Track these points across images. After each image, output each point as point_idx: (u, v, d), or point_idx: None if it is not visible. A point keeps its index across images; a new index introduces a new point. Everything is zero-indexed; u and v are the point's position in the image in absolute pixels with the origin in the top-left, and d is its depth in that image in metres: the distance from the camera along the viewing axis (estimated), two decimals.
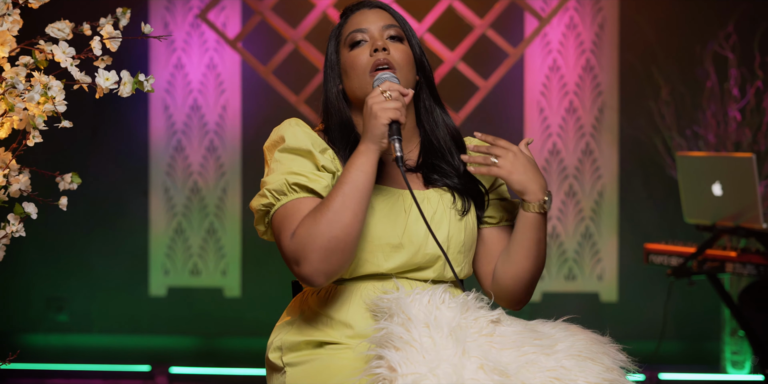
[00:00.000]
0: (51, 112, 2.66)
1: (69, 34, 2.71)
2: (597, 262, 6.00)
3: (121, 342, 6.02)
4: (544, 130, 5.97)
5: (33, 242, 5.98)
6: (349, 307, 2.44)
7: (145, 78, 2.66)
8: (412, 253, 2.44)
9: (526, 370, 2.17)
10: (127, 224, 6.06)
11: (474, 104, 5.90)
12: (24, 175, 2.80)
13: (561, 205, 6.00)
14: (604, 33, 5.97)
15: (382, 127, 2.31)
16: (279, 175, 2.40)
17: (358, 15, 2.54)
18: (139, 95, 5.98)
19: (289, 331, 2.50)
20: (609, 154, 5.98)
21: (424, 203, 2.49)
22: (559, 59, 5.97)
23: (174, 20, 6.00)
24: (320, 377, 2.36)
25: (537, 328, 2.36)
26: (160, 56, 6.01)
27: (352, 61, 2.48)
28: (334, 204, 2.30)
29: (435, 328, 2.20)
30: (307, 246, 2.29)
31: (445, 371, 2.10)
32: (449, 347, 2.15)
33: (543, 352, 2.23)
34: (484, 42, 5.91)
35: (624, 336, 5.79)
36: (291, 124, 2.47)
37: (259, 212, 2.43)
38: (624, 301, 5.98)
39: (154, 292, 6.04)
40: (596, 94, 5.97)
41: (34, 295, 6.03)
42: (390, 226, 2.44)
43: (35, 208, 2.74)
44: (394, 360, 2.13)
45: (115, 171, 6.02)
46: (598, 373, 2.22)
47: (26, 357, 5.86)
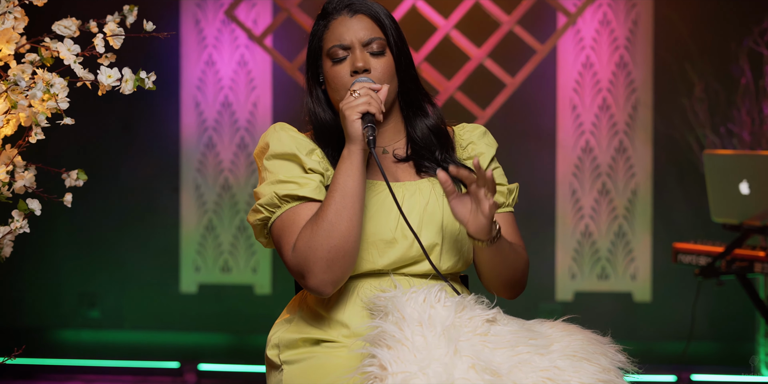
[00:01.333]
0: (55, 109, 2.64)
1: (75, 31, 2.71)
2: (630, 261, 5.93)
3: (151, 338, 6.03)
4: (576, 127, 5.91)
5: (65, 238, 6.02)
6: (346, 306, 2.44)
7: (146, 75, 2.66)
8: (406, 247, 2.44)
9: (518, 370, 2.15)
10: (158, 221, 6.07)
11: (501, 101, 5.85)
12: (29, 172, 2.79)
13: (594, 204, 5.94)
14: (638, 29, 5.89)
15: (354, 123, 2.33)
16: (268, 185, 2.43)
17: (340, 23, 2.50)
18: (171, 92, 6.00)
19: (288, 329, 2.51)
20: (643, 152, 5.91)
21: (416, 194, 2.49)
22: (592, 56, 5.91)
23: (205, 17, 6.00)
24: (316, 375, 2.37)
25: (534, 327, 2.34)
26: (192, 53, 6.02)
27: (334, 77, 2.48)
28: (328, 213, 2.32)
29: (428, 326, 2.18)
30: (308, 259, 2.32)
31: (436, 370, 2.09)
32: (441, 346, 2.14)
33: (537, 352, 2.21)
34: (511, 38, 5.86)
35: (657, 336, 5.77)
36: (276, 130, 2.50)
37: (257, 226, 2.46)
38: (658, 300, 5.91)
39: (185, 289, 6.05)
40: (630, 91, 5.90)
41: (66, 291, 6.06)
42: (382, 222, 2.44)
43: (39, 205, 2.73)
44: (385, 358, 2.13)
45: (146, 167, 6.03)
46: (592, 374, 2.19)
47: (58, 352, 5.90)
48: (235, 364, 5.76)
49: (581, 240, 5.94)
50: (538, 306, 5.92)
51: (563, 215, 5.94)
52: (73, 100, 4.02)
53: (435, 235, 2.46)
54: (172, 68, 6.00)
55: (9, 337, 6.01)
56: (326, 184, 2.45)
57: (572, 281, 5.95)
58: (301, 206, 2.39)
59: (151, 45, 5.94)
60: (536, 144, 5.93)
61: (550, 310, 5.89)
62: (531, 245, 5.86)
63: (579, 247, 5.94)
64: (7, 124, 2.75)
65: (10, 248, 2.90)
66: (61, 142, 5.93)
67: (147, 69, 2.69)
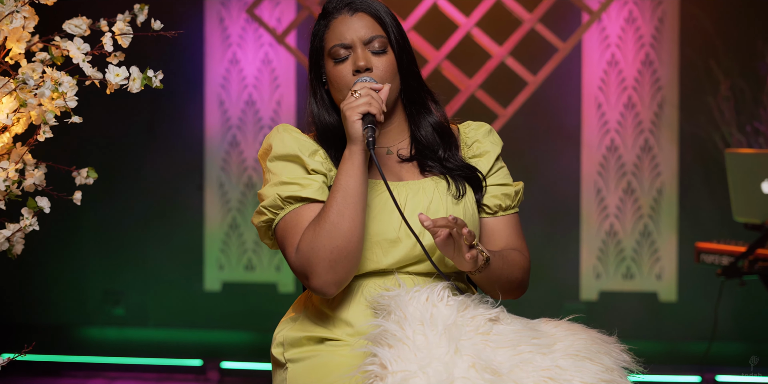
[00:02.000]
0: (63, 108, 2.65)
1: (86, 30, 2.71)
2: (656, 261, 5.88)
3: (175, 336, 6.05)
4: (601, 125, 5.87)
5: (90, 237, 6.04)
6: (351, 305, 2.44)
7: (153, 74, 2.66)
8: (410, 247, 2.43)
9: (519, 370, 2.15)
10: (182, 219, 6.08)
11: (522, 99, 5.82)
12: (39, 170, 2.80)
13: (619, 203, 5.89)
14: (664, 27, 5.84)
15: (355, 123, 2.33)
16: (271, 187, 2.43)
17: (341, 22, 2.50)
18: (195, 90, 6.00)
19: (292, 328, 2.53)
20: (668, 150, 5.85)
21: (420, 193, 2.49)
22: (617, 53, 5.86)
23: (229, 15, 6.00)
24: (319, 374, 2.38)
25: (538, 327, 2.34)
26: (216, 51, 6.02)
27: (336, 76, 2.48)
28: (331, 214, 2.32)
29: (430, 325, 2.19)
30: (311, 260, 2.32)
31: (436, 369, 2.09)
32: (442, 345, 2.14)
33: (539, 351, 2.21)
34: (533, 36, 5.83)
35: (683, 337, 5.71)
36: (279, 131, 2.50)
37: (261, 228, 2.47)
38: (683, 300, 5.86)
39: (209, 287, 6.05)
40: (656, 90, 5.85)
41: (91, 288, 6.08)
42: (386, 222, 2.44)
43: (48, 203, 2.74)
44: (386, 357, 2.14)
45: (170, 166, 6.04)
46: (595, 374, 2.19)
47: (82, 350, 5.92)
48: (257, 363, 5.77)
49: (606, 239, 5.90)
50: (563, 305, 5.89)
51: (588, 214, 5.90)
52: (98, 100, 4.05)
53: None
54: (197, 67, 6.01)
55: (35, 334, 6.05)
56: (329, 184, 2.46)
57: (597, 281, 5.91)
58: (304, 207, 2.40)
59: (175, 44, 5.95)
60: (561, 143, 5.90)
61: (575, 310, 5.85)
62: (556, 244, 5.88)
63: (604, 247, 5.90)
64: (18, 122, 2.76)
65: (21, 246, 2.92)
66: (86, 140, 5.95)
67: (171, 68, 2.72)
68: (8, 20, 2.63)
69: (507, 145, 5.65)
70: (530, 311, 5.84)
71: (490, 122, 5.84)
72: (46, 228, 5.89)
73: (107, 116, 5.97)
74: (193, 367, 5.78)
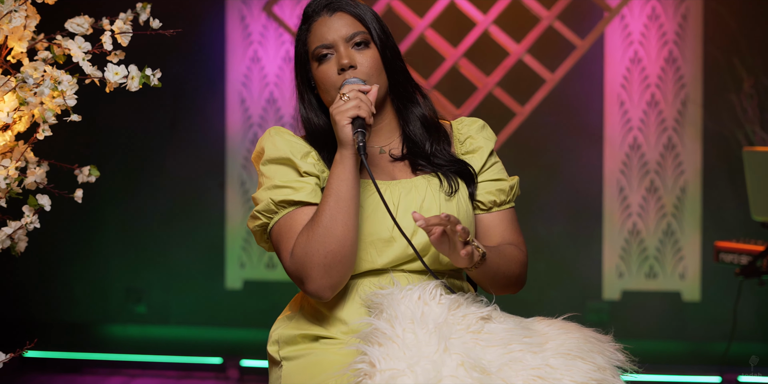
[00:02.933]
0: (64, 106, 2.66)
1: (88, 29, 2.73)
2: (679, 260, 5.83)
3: (197, 334, 6.05)
4: (624, 123, 5.82)
5: (112, 235, 6.06)
6: (346, 304, 2.45)
7: (151, 72, 2.67)
8: (404, 246, 2.44)
9: (509, 368, 2.15)
10: (204, 217, 6.09)
11: (540, 97, 5.79)
12: (41, 168, 2.80)
13: (642, 202, 5.84)
14: (687, 24, 5.79)
15: (345, 128, 2.34)
16: (265, 191, 2.44)
17: (321, 24, 2.52)
18: (217, 88, 6.01)
19: (288, 326, 2.54)
20: (692, 148, 5.80)
21: (412, 191, 2.50)
22: (640, 51, 5.81)
23: (250, 13, 6.00)
24: (313, 371, 2.39)
25: (531, 325, 2.33)
26: (237, 49, 6.02)
27: (322, 77, 2.49)
28: (323, 219, 2.33)
29: (420, 323, 2.19)
30: (306, 264, 2.34)
31: (424, 368, 2.09)
32: (432, 344, 2.14)
33: (530, 349, 2.20)
34: (551, 34, 5.79)
35: (706, 337, 5.66)
36: (271, 134, 2.53)
37: (257, 232, 2.49)
38: (707, 300, 5.80)
39: (230, 285, 6.05)
40: (679, 87, 5.79)
41: (114, 286, 6.10)
42: (379, 221, 2.45)
43: (49, 200, 2.75)
44: (375, 355, 2.14)
45: (192, 164, 6.05)
46: (585, 373, 2.18)
47: (105, 347, 5.95)
48: None
49: (629, 238, 5.85)
50: (585, 304, 5.85)
51: (610, 213, 5.86)
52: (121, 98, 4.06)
53: None
54: (218, 65, 6.01)
55: (58, 331, 6.08)
56: (322, 186, 2.47)
57: (620, 280, 5.86)
58: (297, 211, 2.41)
59: (197, 42, 5.97)
60: (583, 141, 5.85)
61: (597, 309, 5.82)
62: (578, 243, 5.83)
63: (627, 246, 5.85)
64: (20, 120, 2.76)
65: (24, 243, 2.93)
66: (108, 138, 5.98)
67: (193, 66, 2.71)
68: (7, 19, 2.64)
69: (528, 144, 5.63)
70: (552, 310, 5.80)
71: (508, 120, 5.81)
72: (68, 226, 5.95)
73: (130, 114, 6.00)
74: (213, 365, 5.79)
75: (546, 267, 5.88)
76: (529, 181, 5.83)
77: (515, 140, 5.82)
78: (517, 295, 5.74)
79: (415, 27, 5.81)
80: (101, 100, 5.48)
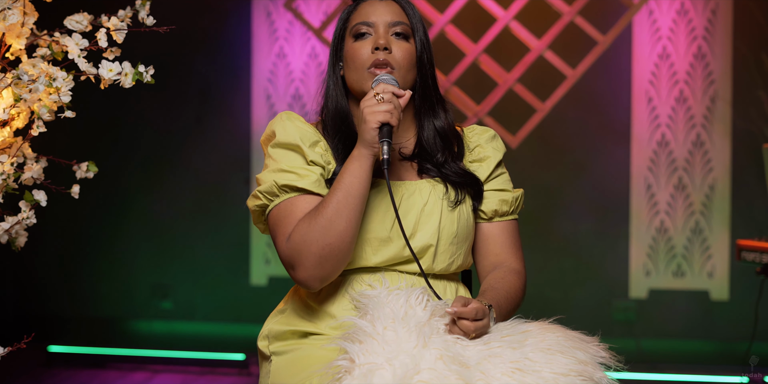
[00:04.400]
0: (60, 103, 2.66)
1: (87, 26, 2.74)
2: (707, 258, 5.76)
3: (222, 330, 6.07)
4: (652, 120, 5.75)
5: (138, 231, 6.09)
6: (335, 300, 2.46)
7: (144, 69, 2.67)
8: (400, 247, 2.43)
9: (488, 362, 2.15)
10: (229, 213, 6.09)
11: (561, 93, 5.74)
12: (39, 164, 2.81)
13: (670, 199, 5.78)
14: (716, 19, 5.71)
15: (372, 131, 2.31)
16: (270, 173, 2.44)
17: (369, 4, 2.52)
18: (242, 85, 6.01)
19: (278, 321, 2.55)
20: (721, 145, 5.72)
21: (415, 194, 2.49)
22: (669, 46, 5.74)
23: (276, 9, 6.00)
24: (300, 366, 2.39)
25: (512, 325, 2.32)
26: (263, 45, 6.02)
27: (354, 53, 2.47)
28: (328, 211, 2.32)
29: (402, 323, 2.19)
30: (301, 252, 2.33)
31: (402, 361, 2.09)
32: (411, 340, 2.15)
33: (510, 346, 2.20)
34: (572, 30, 5.74)
35: (735, 336, 5.58)
36: (282, 119, 2.52)
37: (255, 212, 2.49)
38: (735, 299, 5.73)
39: (255, 282, 6.06)
40: (708, 83, 5.72)
41: (140, 282, 6.12)
42: (379, 220, 2.44)
43: (45, 196, 2.75)
44: (354, 351, 2.15)
45: (218, 160, 6.05)
46: (565, 365, 2.17)
47: (131, 343, 5.97)
48: None
49: (656, 236, 5.79)
50: (612, 303, 5.79)
51: (638, 210, 5.80)
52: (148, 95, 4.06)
53: (430, 236, 2.46)
54: (244, 61, 6.01)
55: (84, 327, 6.11)
56: (327, 177, 2.46)
57: (647, 278, 5.80)
58: (299, 198, 2.41)
59: (223, 38, 5.97)
60: (610, 137, 5.79)
61: (624, 308, 5.76)
62: (605, 241, 5.78)
63: (654, 244, 5.79)
64: (18, 117, 2.77)
65: (24, 238, 2.93)
66: (135, 134, 6.00)
67: (219, 62, 2.71)
68: (1, 16, 2.64)
69: (554, 141, 5.58)
70: (579, 309, 5.77)
71: (529, 117, 5.77)
72: (94, 222, 5.98)
73: (156, 110, 6.01)
74: (235, 362, 5.79)
75: (572, 266, 5.83)
76: (555, 178, 5.78)
77: (538, 137, 5.77)
78: (543, 294, 5.73)
79: (436, 23, 5.78)
80: (129, 98, 5.52)
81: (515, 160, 5.74)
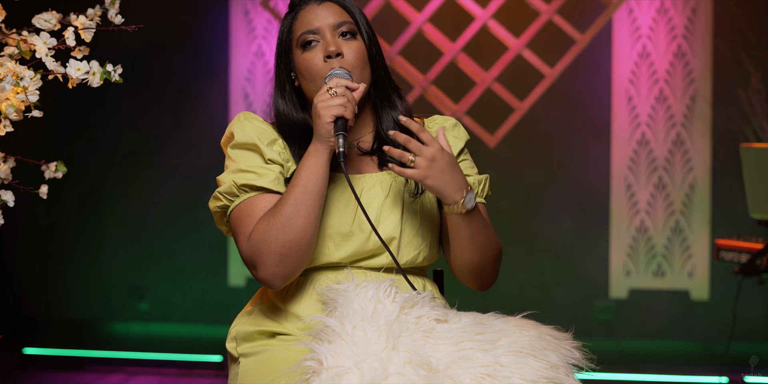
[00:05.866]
0: (27, 102, 2.62)
1: (56, 24, 2.70)
2: (687, 258, 5.74)
3: (199, 331, 6.03)
4: (632, 119, 5.73)
5: (115, 231, 6.04)
6: (302, 299, 2.44)
7: (113, 68, 2.63)
8: (362, 241, 2.42)
9: (457, 366, 2.12)
10: (207, 213, 5.97)
11: (540, 92, 5.72)
12: (6, 164, 2.76)
13: (650, 199, 5.76)
14: (696, 18, 5.69)
15: (327, 125, 2.31)
16: (229, 174, 2.45)
17: (308, 11, 2.48)
18: (220, 83, 5.96)
19: (246, 322, 2.54)
20: (701, 144, 5.70)
21: (376, 186, 2.48)
22: (648, 45, 5.72)
23: (254, 7, 5.95)
24: (267, 368, 2.38)
25: (486, 321, 2.28)
26: (241, 44, 5.97)
27: (307, 65, 2.45)
28: (286, 208, 2.32)
29: (371, 321, 2.17)
30: (262, 251, 2.32)
31: (371, 365, 2.07)
32: (380, 341, 2.12)
33: (481, 347, 2.17)
34: (550, 28, 5.72)
35: (715, 336, 5.57)
36: (240, 119, 2.53)
37: (217, 213, 2.49)
38: (716, 299, 5.71)
39: (233, 282, 6.02)
40: (688, 82, 5.70)
41: (117, 283, 6.07)
42: (339, 215, 2.43)
43: (13, 196, 2.71)
44: (323, 353, 2.13)
45: (195, 159, 6.01)
46: (536, 370, 2.14)
47: (107, 344, 5.92)
48: None
49: (636, 236, 5.77)
50: (592, 303, 5.77)
51: (618, 210, 5.78)
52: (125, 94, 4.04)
53: (393, 228, 2.45)
54: (221, 60, 5.97)
55: (60, 328, 6.06)
56: (286, 176, 2.45)
57: (627, 278, 5.78)
58: (258, 197, 2.40)
59: (199, 36, 5.93)
60: (590, 137, 5.77)
61: (604, 308, 5.74)
62: (585, 241, 5.76)
63: (634, 243, 5.77)
64: None
65: None
66: (112, 134, 5.95)
67: (196, 60, 2.67)
68: None
69: (533, 140, 5.57)
70: (559, 310, 5.74)
71: (507, 116, 5.74)
72: (71, 223, 5.92)
73: (133, 109, 5.97)
74: (213, 363, 5.75)
75: (552, 265, 5.80)
76: (535, 178, 5.76)
77: (517, 136, 5.75)
78: (523, 294, 5.70)
79: (413, 21, 5.75)
80: (105, 97, 5.47)
81: (494, 160, 5.71)
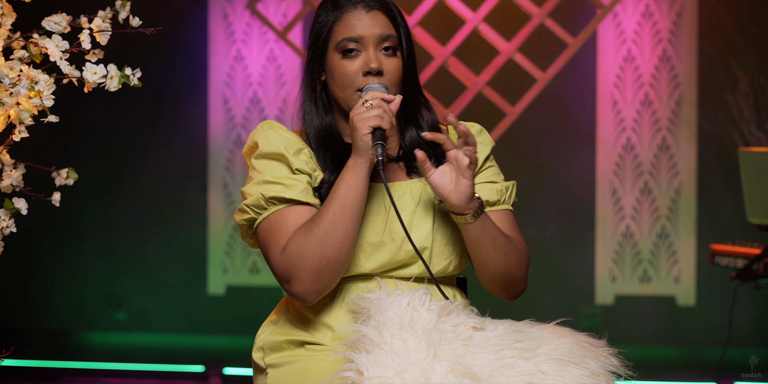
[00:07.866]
0: (41, 107, 2.56)
1: (66, 27, 2.63)
2: (674, 263, 5.72)
3: (178, 341, 5.95)
4: (617, 123, 5.70)
5: (91, 239, 5.95)
6: (333, 309, 2.39)
7: (131, 72, 2.56)
8: (393, 251, 2.38)
9: (500, 375, 2.10)
10: (185, 221, 5.97)
11: (531, 97, 5.68)
12: (17, 170, 2.69)
13: (635, 204, 5.73)
14: (682, 21, 5.67)
15: (364, 136, 2.27)
16: (255, 186, 2.38)
17: (354, 17, 2.41)
18: (199, 88, 5.89)
19: (273, 331, 2.48)
20: (687, 149, 5.68)
21: (407, 195, 2.44)
22: (633, 49, 5.69)
23: (234, 11, 5.88)
24: (299, 379, 2.33)
25: (523, 329, 2.26)
26: (220, 48, 5.89)
27: (342, 72, 2.40)
28: (324, 222, 2.28)
29: (409, 330, 2.14)
30: (297, 265, 2.28)
31: (413, 375, 2.04)
32: (420, 350, 2.09)
33: (522, 355, 2.14)
34: (542, 32, 5.68)
35: (702, 342, 5.54)
36: (264, 128, 2.45)
37: (243, 226, 2.43)
38: (702, 305, 5.70)
39: (213, 291, 5.94)
40: (673, 86, 5.67)
41: (93, 292, 5.99)
42: (370, 225, 2.39)
43: (26, 204, 2.65)
44: (362, 363, 2.10)
45: (173, 166, 5.93)
46: (578, 378, 2.13)
47: (84, 355, 5.83)
48: None
49: (622, 241, 5.74)
50: (578, 310, 5.75)
51: (603, 215, 5.74)
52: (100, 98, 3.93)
53: (425, 238, 2.41)
54: (200, 64, 5.89)
55: (35, 339, 5.96)
56: (314, 185, 2.41)
57: (613, 284, 5.75)
58: (288, 209, 2.35)
59: (178, 40, 5.85)
60: (575, 141, 5.74)
61: (590, 314, 5.71)
62: (570, 246, 5.72)
63: (620, 249, 5.74)
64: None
65: (0, 248, 2.82)
66: (87, 140, 5.87)
67: (174, 65, 2.61)
68: None
69: (519, 144, 5.52)
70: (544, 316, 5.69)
71: (498, 120, 5.70)
72: (46, 231, 5.82)
73: (109, 115, 5.88)
74: (194, 373, 5.68)
75: (537, 271, 5.74)
76: (520, 183, 5.68)
77: (505, 141, 5.70)
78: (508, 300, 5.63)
79: None
80: (79, 101, 5.36)
81: None
